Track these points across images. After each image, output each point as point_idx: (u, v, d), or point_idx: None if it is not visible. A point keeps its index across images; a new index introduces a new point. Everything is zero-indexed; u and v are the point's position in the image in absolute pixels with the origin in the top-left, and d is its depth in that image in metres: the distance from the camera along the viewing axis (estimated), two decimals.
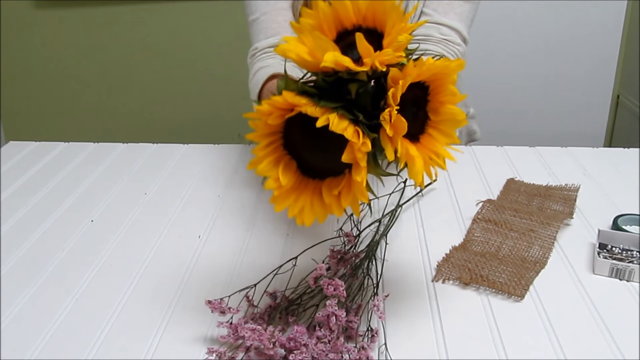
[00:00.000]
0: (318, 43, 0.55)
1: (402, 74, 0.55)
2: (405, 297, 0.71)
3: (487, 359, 0.61)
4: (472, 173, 1.03)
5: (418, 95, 0.59)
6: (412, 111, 0.59)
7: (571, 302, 0.69)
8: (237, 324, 0.62)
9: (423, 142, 0.59)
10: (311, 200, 0.60)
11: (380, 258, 0.77)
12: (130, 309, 0.70)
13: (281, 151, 0.61)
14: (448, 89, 0.58)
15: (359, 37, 0.54)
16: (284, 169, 0.60)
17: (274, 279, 0.70)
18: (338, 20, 0.60)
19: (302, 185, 0.61)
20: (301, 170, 0.61)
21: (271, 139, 0.60)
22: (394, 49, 0.55)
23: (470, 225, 0.85)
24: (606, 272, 0.73)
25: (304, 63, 0.57)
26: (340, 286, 0.61)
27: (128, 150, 1.17)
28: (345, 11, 0.59)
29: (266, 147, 0.60)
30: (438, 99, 0.59)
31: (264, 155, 0.60)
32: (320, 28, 0.59)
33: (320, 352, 0.59)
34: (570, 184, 0.96)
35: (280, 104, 0.56)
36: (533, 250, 0.78)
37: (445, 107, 0.59)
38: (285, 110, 0.57)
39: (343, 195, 0.58)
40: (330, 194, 0.59)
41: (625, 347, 0.62)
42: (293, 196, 0.60)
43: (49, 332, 0.66)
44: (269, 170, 0.60)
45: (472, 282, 0.72)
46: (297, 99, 0.55)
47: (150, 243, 0.84)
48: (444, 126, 0.60)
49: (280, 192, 0.60)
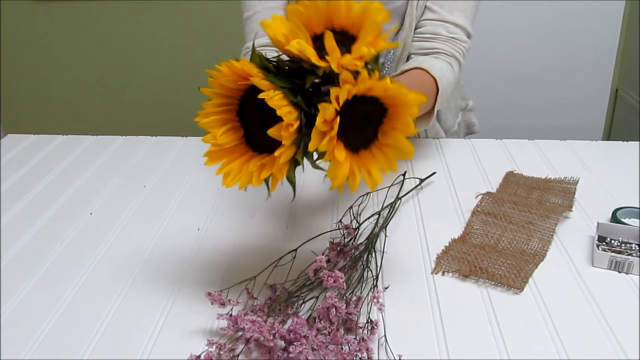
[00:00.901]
0: (294, 30, 0.58)
1: (353, 81, 0.57)
2: (405, 289, 0.71)
3: (487, 350, 0.61)
4: (472, 166, 1.03)
5: (373, 113, 0.60)
6: (362, 124, 0.60)
7: (570, 295, 0.69)
8: (236, 316, 0.62)
9: (361, 156, 0.61)
10: (240, 167, 0.63)
11: (380, 250, 0.77)
12: (130, 301, 0.70)
13: (233, 116, 0.64)
14: (404, 118, 0.59)
15: (328, 36, 0.56)
16: (227, 131, 0.64)
17: (273, 271, 0.70)
18: (329, 18, 0.61)
19: (240, 152, 0.64)
20: (246, 140, 0.64)
21: (226, 101, 0.63)
22: (355, 57, 0.57)
23: (469, 218, 0.85)
24: (605, 264, 0.74)
25: (275, 42, 0.59)
26: (340, 278, 0.61)
27: (127, 143, 1.17)
28: (338, 11, 0.61)
29: (218, 106, 0.63)
30: (391, 124, 0.61)
31: (213, 112, 0.63)
32: (308, 19, 0.61)
33: (320, 344, 0.59)
34: (570, 177, 0.96)
35: (236, 69, 0.59)
36: (532, 243, 0.78)
37: (395, 134, 0.61)
38: (240, 77, 0.60)
39: (265, 168, 0.61)
40: (255, 163, 0.62)
41: (624, 339, 0.62)
42: (228, 158, 0.64)
43: (48, 324, 0.66)
44: (212, 127, 0.64)
45: (471, 274, 0.72)
46: (251, 69, 0.58)
47: (149, 236, 0.83)
48: (387, 151, 0.61)
49: (216, 149, 0.63)
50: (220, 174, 0.63)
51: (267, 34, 0.59)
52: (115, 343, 0.63)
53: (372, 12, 0.59)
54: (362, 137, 0.61)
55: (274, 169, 0.60)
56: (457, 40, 1.04)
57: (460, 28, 1.05)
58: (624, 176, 0.98)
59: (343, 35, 0.62)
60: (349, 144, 0.59)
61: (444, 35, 1.03)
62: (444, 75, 0.99)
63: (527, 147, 1.10)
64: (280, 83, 0.58)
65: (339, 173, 0.58)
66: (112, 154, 1.11)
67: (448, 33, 1.04)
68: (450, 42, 1.04)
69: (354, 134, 0.60)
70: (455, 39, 1.04)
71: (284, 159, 0.58)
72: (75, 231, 0.85)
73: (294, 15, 0.59)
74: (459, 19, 1.04)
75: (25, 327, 0.66)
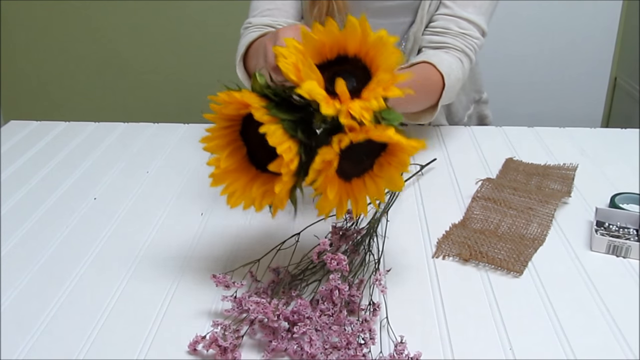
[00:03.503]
0: (306, 70, 0.58)
1: (359, 129, 0.58)
2: (406, 272, 0.72)
3: (486, 332, 0.62)
4: (472, 152, 1.04)
5: (373, 147, 0.61)
6: (360, 156, 0.62)
7: (569, 278, 0.70)
8: (241, 298, 0.63)
9: (353, 184, 0.63)
10: (244, 187, 0.65)
11: (382, 235, 0.78)
12: (135, 283, 0.71)
13: (235, 136, 0.65)
14: (401, 158, 0.61)
15: (340, 83, 0.57)
16: (230, 153, 0.65)
17: (277, 255, 0.71)
18: (343, 45, 0.62)
19: (243, 171, 0.65)
20: (249, 157, 0.66)
21: (229, 123, 0.64)
22: (364, 108, 0.58)
23: (469, 204, 0.86)
24: (603, 249, 0.75)
25: (286, 76, 0.60)
26: (343, 261, 0.62)
27: (129, 129, 1.17)
28: (352, 39, 0.61)
29: (222, 129, 0.64)
30: (388, 159, 0.62)
31: (217, 136, 0.64)
32: (322, 45, 0.61)
33: (323, 325, 0.60)
34: (568, 163, 0.97)
35: (236, 100, 0.60)
36: (531, 228, 0.79)
37: (391, 170, 0.62)
38: (242, 106, 0.61)
39: (266, 195, 0.63)
40: (258, 188, 0.64)
41: (622, 321, 0.63)
42: (231, 178, 0.65)
43: (53, 308, 0.67)
44: (216, 150, 0.65)
45: (471, 258, 0.73)
46: (252, 100, 0.59)
47: (153, 220, 0.84)
48: (379, 182, 0.63)
49: (219, 171, 0.65)
50: (224, 194, 0.65)
51: (280, 66, 0.59)
52: (121, 325, 0.64)
53: (387, 52, 0.59)
54: (358, 167, 0.62)
55: (275, 200, 0.62)
56: (468, 36, 1.03)
57: (473, 24, 1.03)
58: (622, 163, 0.99)
59: (355, 63, 0.62)
60: (343, 172, 0.60)
61: (455, 31, 1.02)
62: (452, 71, 0.98)
63: (527, 134, 1.11)
64: (281, 115, 0.59)
65: (327, 206, 0.60)
66: (114, 140, 1.12)
67: (459, 28, 1.03)
68: (461, 38, 1.02)
69: (350, 164, 0.61)
70: (466, 34, 1.03)
71: (284, 192, 0.60)
72: (80, 216, 0.86)
73: (308, 43, 0.60)
74: (472, 15, 1.03)
75: (31, 310, 0.67)
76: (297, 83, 0.59)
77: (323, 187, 0.59)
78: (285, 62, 0.59)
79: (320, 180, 0.58)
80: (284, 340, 0.59)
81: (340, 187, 0.61)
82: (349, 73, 0.62)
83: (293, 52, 0.60)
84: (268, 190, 0.63)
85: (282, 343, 0.59)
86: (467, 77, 1.05)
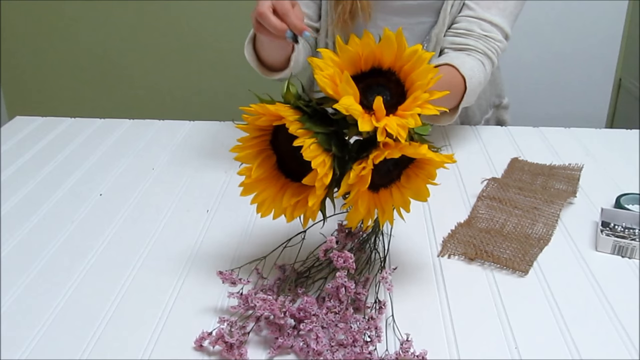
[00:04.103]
0: (344, 86, 0.58)
1: (394, 145, 0.58)
2: (412, 271, 0.72)
3: (492, 331, 0.62)
4: (477, 152, 1.04)
5: (402, 159, 0.62)
6: (389, 168, 0.63)
7: (574, 278, 0.71)
8: (247, 295, 0.63)
9: (380, 195, 0.63)
10: (274, 196, 0.65)
11: (387, 233, 0.78)
12: (141, 279, 0.71)
13: (265, 145, 0.66)
14: (429, 171, 0.62)
15: (378, 100, 0.58)
16: (261, 162, 0.65)
17: (283, 252, 0.71)
18: (378, 58, 0.62)
19: (273, 180, 0.66)
20: (278, 165, 0.66)
21: (260, 133, 0.65)
22: (400, 126, 0.58)
23: (475, 203, 0.86)
24: (609, 249, 0.75)
25: (323, 90, 0.60)
26: (350, 258, 0.62)
27: (135, 126, 1.18)
28: (389, 53, 0.61)
29: (253, 139, 0.65)
30: (416, 171, 0.63)
31: (248, 146, 0.65)
32: (357, 57, 0.62)
33: (330, 322, 0.60)
34: (574, 163, 0.97)
35: (270, 112, 0.60)
36: (537, 228, 0.79)
37: (417, 181, 0.63)
38: (275, 117, 0.61)
39: (298, 207, 0.64)
40: (289, 200, 0.64)
41: (627, 321, 0.64)
42: (261, 187, 0.66)
43: (59, 304, 0.67)
44: (247, 160, 0.65)
45: (477, 257, 0.73)
46: (286, 112, 0.60)
47: (159, 217, 0.85)
48: (406, 193, 0.64)
49: (250, 181, 0.65)
50: (254, 203, 0.65)
51: (316, 79, 0.60)
52: (127, 322, 0.65)
53: (423, 68, 0.60)
54: (385, 178, 0.63)
55: (307, 212, 0.63)
56: (490, 38, 1.02)
57: (496, 27, 1.02)
58: (628, 163, 0.99)
59: (389, 76, 0.63)
60: (372, 184, 0.61)
61: (477, 33, 1.01)
62: (474, 74, 0.97)
63: (532, 134, 1.11)
64: (316, 129, 0.60)
65: (357, 218, 0.62)
66: (120, 137, 1.12)
67: (482, 31, 1.02)
68: (483, 40, 1.01)
69: (379, 176, 0.62)
70: (488, 37, 1.02)
71: (316, 205, 0.61)
72: (86, 211, 0.86)
73: (344, 55, 0.61)
74: (496, 17, 1.02)
75: (36, 306, 0.67)
76: (334, 97, 0.59)
77: (354, 200, 0.60)
78: (321, 74, 0.59)
79: (352, 194, 0.59)
80: (290, 337, 0.60)
81: (369, 199, 0.61)
82: (383, 86, 0.63)
83: (330, 64, 0.60)
84: (300, 202, 0.64)
85: (288, 340, 0.59)
86: (487, 80, 1.04)
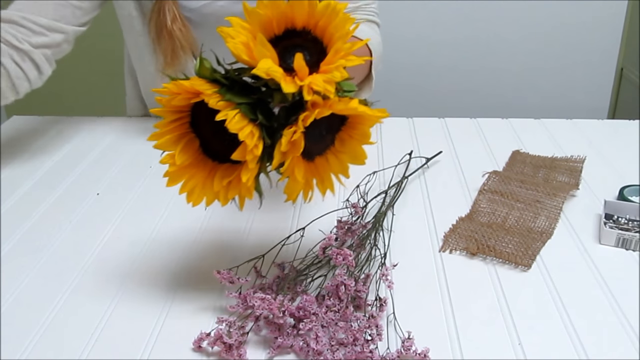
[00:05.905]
0: (259, 48, 0.54)
1: (323, 104, 0.55)
2: (413, 267, 0.71)
3: (494, 327, 0.61)
4: (478, 145, 1.03)
5: (333, 121, 0.59)
6: (321, 132, 0.59)
7: (577, 272, 0.70)
8: (246, 294, 0.62)
9: (317, 163, 0.60)
10: (204, 182, 0.61)
11: (387, 229, 0.77)
12: (139, 279, 0.70)
13: (186, 129, 0.61)
14: (363, 129, 0.59)
15: (298, 57, 0.54)
16: (184, 147, 0.61)
17: (281, 250, 0.70)
18: (290, 18, 0.59)
19: (200, 165, 0.62)
20: (203, 149, 0.62)
21: (178, 115, 0.60)
22: (326, 81, 0.55)
23: (476, 197, 0.85)
24: (612, 242, 0.74)
25: (239, 58, 0.56)
26: (349, 255, 0.61)
27: (132, 123, 1.17)
28: (301, 12, 0.58)
29: (171, 123, 0.60)
30: (349, 133, 0.60)
31: (166, 131, 0.60)
32: (269, 20, 0.58)
33: (329, 321, 0.59)
34: (576, 155, 0.96)
35: (186, 88, 0.56)
36: (539, 221, 0.78)
37: (352, 143, 0.60)
38: (192, 94, 0.57)
39: (231, 187, 0.60)
40: (220, 182, 0.60)
41: (632, 315, 0.63)
42: (188, 175, 0.61)
43: (57, 304, 0.67)
44: (168, 147, 0.61)
45: (479, 252, 0.72)
46: (203, 87, 0.56)
47: (156, 215, 0.84)
48: (342, 158, 0.61)
49: (175, 169, 0.61)
50: (183, 193, 0.61)
51: (229, 48, 0.56)
52: (125, 322, 0.64)
53: (339, 20, 0.56)
54: (319, 145, 0.60)
55: (242, 190, 0.59)
56: (363, 7, 1.06)
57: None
58: (630, 154, 0.98)
59: (305, 36, 0.59)
60: (306, 152, 0.58)
61: (350, 8, 1.05)
62: (371, 36, 1.00)
63: (533, 126, 1.10)
64: (237, 99, 0.56)
65: (296, 189, 0.58)
66: (117, 135, 1.11)
67: (353, 4, 1.06)
68: (358, 12, 1.06)
69: (312, 143, 0.58)
70: (360, 7, 1.06)
71: (250, 180, 0.57)
72: (83, 211, 0.85)
73: (253, 20, 0.57)
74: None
75: (34, 306, 0.66)
76: (250, 63, 0.56)
77: (290, 170, 0.57)
78: (234, 42, 0.55)
79: (287, 162, 0.56)
80: (289, 337, 0.59)
81: (305, 168, 0.59)
82: (300, 46, 0.59)
83: (240, 30, 0.56)
84: (232, 181, 0.59)
85: (288, 339, 0.58)
86: None
